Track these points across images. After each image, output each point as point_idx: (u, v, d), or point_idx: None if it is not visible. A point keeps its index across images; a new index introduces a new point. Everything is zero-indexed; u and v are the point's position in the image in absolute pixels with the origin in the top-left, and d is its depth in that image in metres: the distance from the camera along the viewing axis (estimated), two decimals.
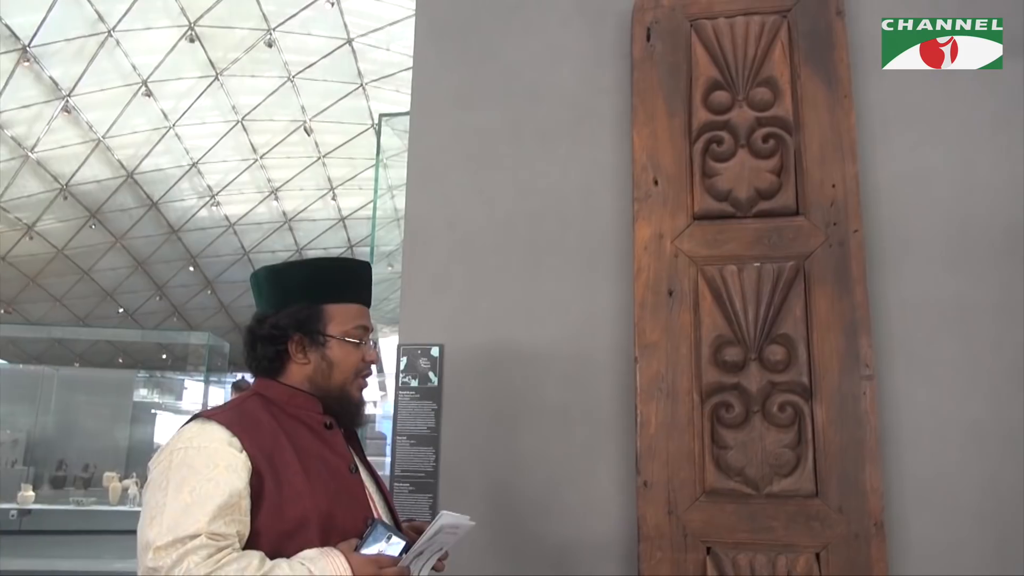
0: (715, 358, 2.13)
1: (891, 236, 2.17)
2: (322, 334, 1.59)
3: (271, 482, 1.42)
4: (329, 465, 1.55)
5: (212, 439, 1.43)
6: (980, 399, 2.06)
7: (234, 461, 1.41)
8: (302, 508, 1.43)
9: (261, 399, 1.57)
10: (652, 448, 2.12)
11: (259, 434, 1.46)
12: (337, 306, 1.61)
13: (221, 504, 1.34)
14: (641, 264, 2.23)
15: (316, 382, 1.59)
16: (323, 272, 1.66)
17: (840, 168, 2.17)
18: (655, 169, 2.27)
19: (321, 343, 1.59)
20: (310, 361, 1.59)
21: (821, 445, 2.03)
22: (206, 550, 1.29)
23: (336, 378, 1.60)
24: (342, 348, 1.60)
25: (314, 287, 1.62)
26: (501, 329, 2.38)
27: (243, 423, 1.47)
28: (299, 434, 1.53)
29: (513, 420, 2.32)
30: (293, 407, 1.57)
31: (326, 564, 1.36)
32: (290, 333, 1.58)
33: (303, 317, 1.59)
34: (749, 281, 2.14)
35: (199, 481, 1.36)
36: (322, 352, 1.59)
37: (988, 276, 2.11)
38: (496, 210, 2.46)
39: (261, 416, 1.51)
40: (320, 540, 1.43)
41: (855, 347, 2.06)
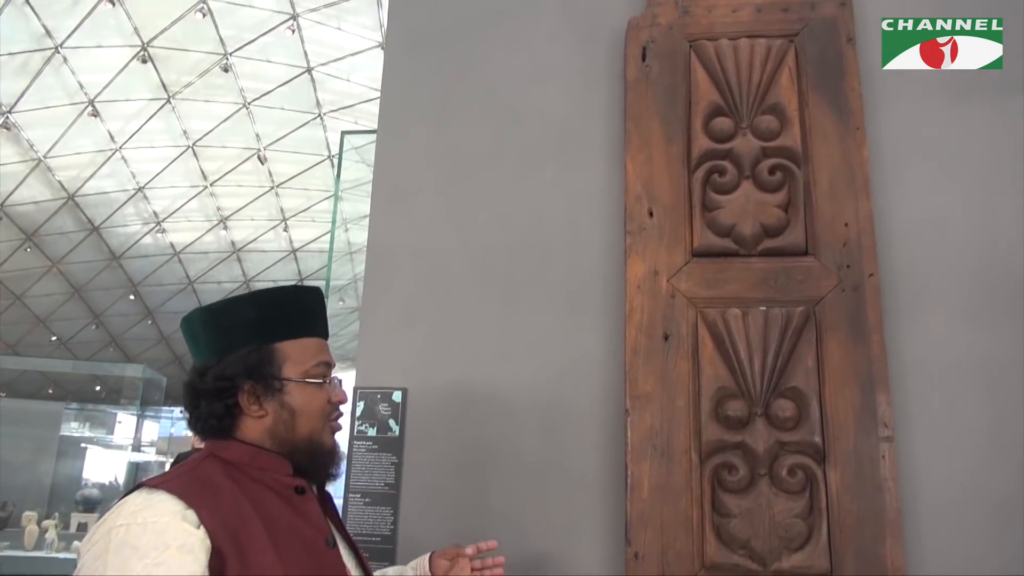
0: (716, 413, 1.89)
1: (907, 283, 1.98)
2: (278, 378, 1.32)
3: (235, 562, 1.14)
4: (303, 539, 1.27)
5: (161, 513, 1.14)
6: (1008, 471, 1.85)
7: (189, 540, 1.13)
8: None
9: (218, 461, 1.28)
10: (644, 514, 1.85)
11: (219, 504, 1.18)
12: (291, 343, 1.35)
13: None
14: (634, 304, 1.99)
15: (279, 435, 1.32)
16: (270, 305, 1.38)
17: (853, 205, 1.97)
18: (650, 200, 2.05)
19: (278, 389, 1.32)
20: (267, 412, 1.32)
21: (836, 515, 1.79)
22: None
23: (302, 427, 1.33)
24: (304, 391, 1.34)
25: (261, 324, 1.35)
26: (473, 373, 2.10)
27: (200, 491, 1.19)
28: (266, 502, 1.25)
29: (484, 478, 2.04)
30: (256, 469, 1.29)
31: None
32: (239, 383, 1.31)
33: (253, 361, 1.32)
34: (755, 327, 1.91)
35: (146, 567, 1.09)
36: (280, 399, 1.32)
37: (1013, 331, 1.92)
38: (471, 239, 2.21)
39: (221, 482, 1.23)
40: None
41: (872, 404, 1.84)
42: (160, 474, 1.28)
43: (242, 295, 1.41)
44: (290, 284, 1.45)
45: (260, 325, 1.34)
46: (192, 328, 1.37)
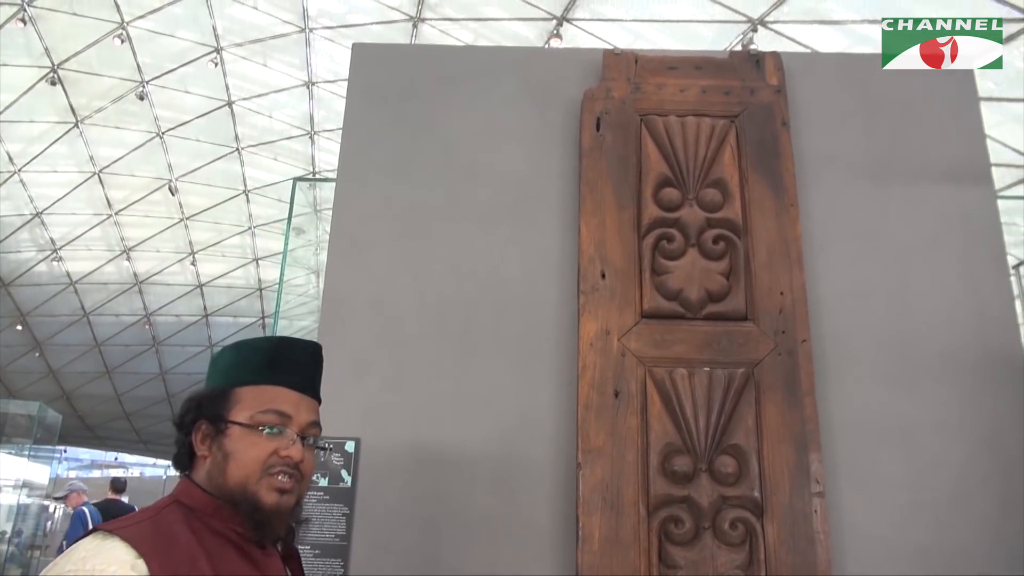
0: (664, 467, 1.99)
1: (835, 349, 2.15)
2: (224, 420, 1.30)
3: None
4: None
5: (110, 561, 1.12)
6: (924, 525, 2.02)
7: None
8: None
9: (181, 509, 1.26)
10: (595, 566, 1.91)
11: (172, 556, 1.16)
12: (250, 388, 1.33)
13: None
14: (586, 362, 2.08)
15: (214, 480, 1.28)
16: (249, 351, 1.38)
17: (788, 275, 2.14)
18: (603, 262, 2.16)
19: (221, 431, 1.29)
20: (208, 454, 1.30)
21: (773, 567, 1.90)
22: None
23: (233, 474, 1.27)
24: (245, 438, 1.29)
25: (234, 367, 1.36)
26: (427, 425, 2.14)
27: (155, 540, 1.16)
28: (225, 556, 1.23)
29: (437, 529, 2.06)
30: (218, 521, 1.26)
31: None
32: (193, 418, 1.31)
33: (206, 398, 1.32)
34: (700, 386, 2.03)
35: None
36: (220, 442, 1.29)
37: (926, 396, 2.12)
38: (427, 292, 2.26)
39: (179, 532, 1.20)
40: None
41: (805, 462, 1.98)
42: (119, 518, 1.24)
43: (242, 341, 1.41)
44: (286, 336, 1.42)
45: (231, 367, 1.36)
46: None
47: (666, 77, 2.35)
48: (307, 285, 13.27)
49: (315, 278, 13.14)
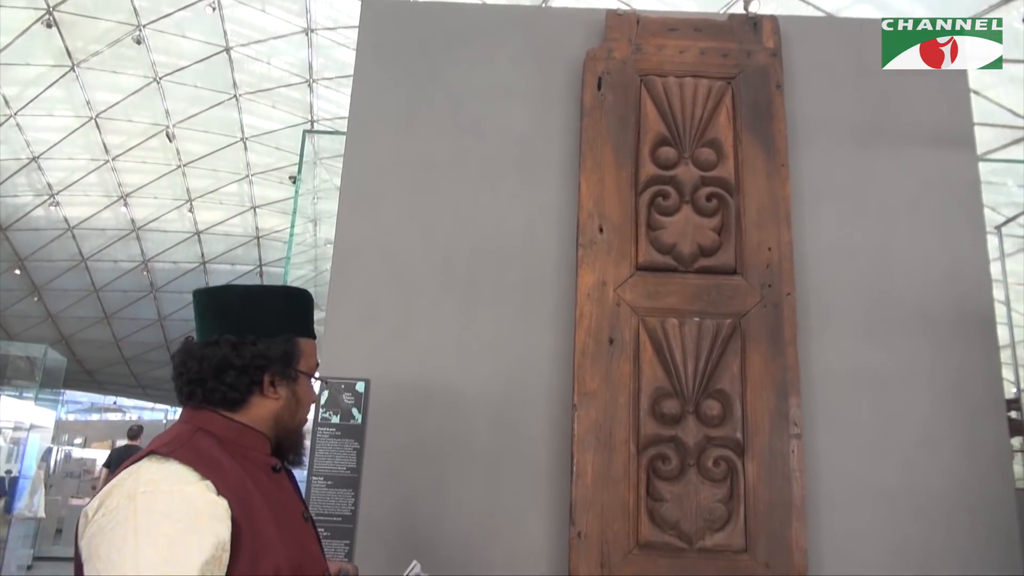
0: (653, 410, 2.14)
1: (818, 303, 2.28)
2: (296, 369, 1.47)
3: (247, 531, 1.26)
4: (289, 512, 1.41)
5: (183, 481, 1.25)
6: (892, 465, 2.18)
7: (216, 509, 1.24)
8: (275, 559, 1.28)
9: (210, 436, 1.37)
10: (587, 499, 2.08)
11: (227, 477, 1.29)
12: (305, 340, 1.52)
13: (208, 559, 1.18)
14: (583, 311, 2.21)
15: (282, 420, 1.46)
16: (293, 302, 1.53)
17: (776, 233, 2.26)
18: (601, 217, 2.28)
19: (293, 378, 1.47)
20: (281, 397, 1.45)
21: (751, 502, 2.07)
22: None
23: (301, 416, 1.51)
24: (307, 386, 1.52)
25: (290, 317, 1.50)
26: (433, 367, 2.28)
27: (208, 463, 1.29)
28: (260, 479, 1.37)
29: (441, 464, 2.21)
30: (242, 446, 1.40)
31: None
32: (272, 365, 1.44)
33: (288, 350, 1.46)
34: (689, 335, 2.17)
35: (179, 531, 1.18)
36: (292, 388, 1.48)
37: (901, 348, 2.26)
38: (434, 243, 2.38)
39: (220, 456, 1.33)
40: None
41: (785, 407, 2.13)
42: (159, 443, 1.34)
43: (271, 287, 1.56)
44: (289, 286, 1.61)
45: (289, 318, 1.49)
46: (223, 303, 1.46)
47: (666, 39, 2.43)
48: (304, 234, 13.33)
49: (312, 226, 13.22)
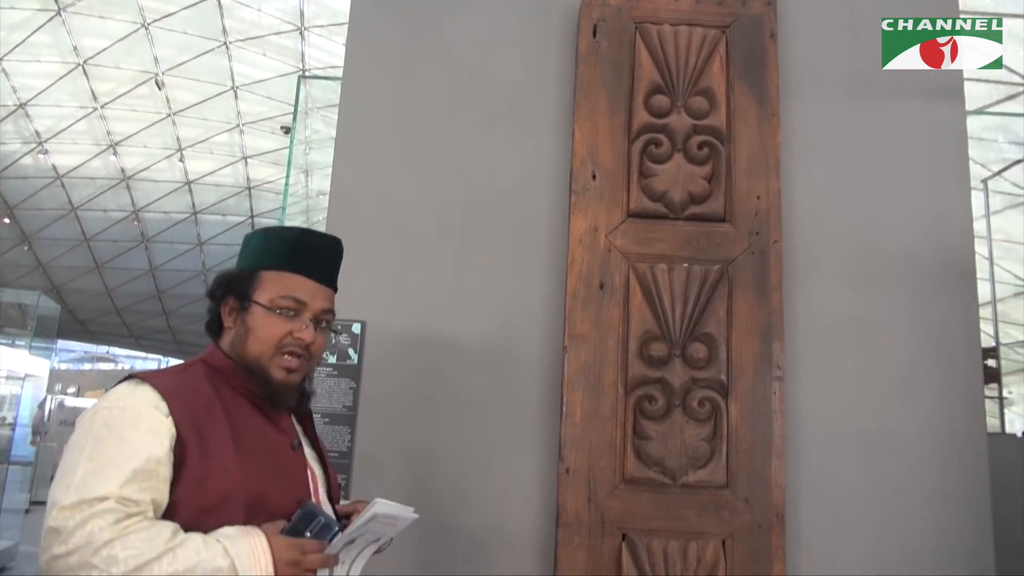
0: (641, 352, 2.20)
1: (804, 250, 2.34)
2: (248, 299, 1.48)
3: (195, 452, 1.33)
4: (268, 442, 1.47)
5: (138, 400, 1.34)
6: (869, 408, 2.27)
7: (157, 425, 1.32)
8: (227, 483, 1.34)
9: (205, 367, 1.48)
10: (576, 437, 2.15)
11: (191, 401, 1.38)
12: (273, 272, 1.50)
13: (136, 468, 1.26)
14: (575, 256, 2.26)
15: (235, 349, 1.48)
16: (276, 239, 1.57)
17: (765, 181, 2.30)
18: (594, 164, 2.31)
19: (245, 308, 1.48)
20: (232, 326, 1.50)
21: (734, 441, 2.15)
22: (113, 515, 1.21)
23: (252, 349, 1.46)
24: (264, 317, 1.47)
25: (261, 251, 1.54)
26: (428, 311, 2.33)
27: (177, 389, 1.38)
28: (239, 407, 1.45)
29: (435, 404, 2.28)
30: (236, 380, 1.47)
31: (244, 543, 1.28)
32: (221, 293, 1.50)
33: (235, 278, 1.51)
34: (678, 281, 2.23)
35: (117, 443, 1.28)
36: (243, 318, 1.48)
37: (883, 296, 2.33)
38: (428, 188, 2.41)
39: (200, 384, 1.42)
40: (245, 519, 1.34)
41: (768, 351, 2.20)
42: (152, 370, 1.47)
43: (274, 227, 1.60)
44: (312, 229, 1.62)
45: (260, 251, 1.53)
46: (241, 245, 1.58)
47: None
48: (297, 184, 13.25)
49: (304, 177, 13.14)
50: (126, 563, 1.19)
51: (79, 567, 1.18)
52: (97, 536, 1.19)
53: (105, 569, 1.18)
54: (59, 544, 1.19)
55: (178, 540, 1.24)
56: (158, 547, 1.21)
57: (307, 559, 1.34)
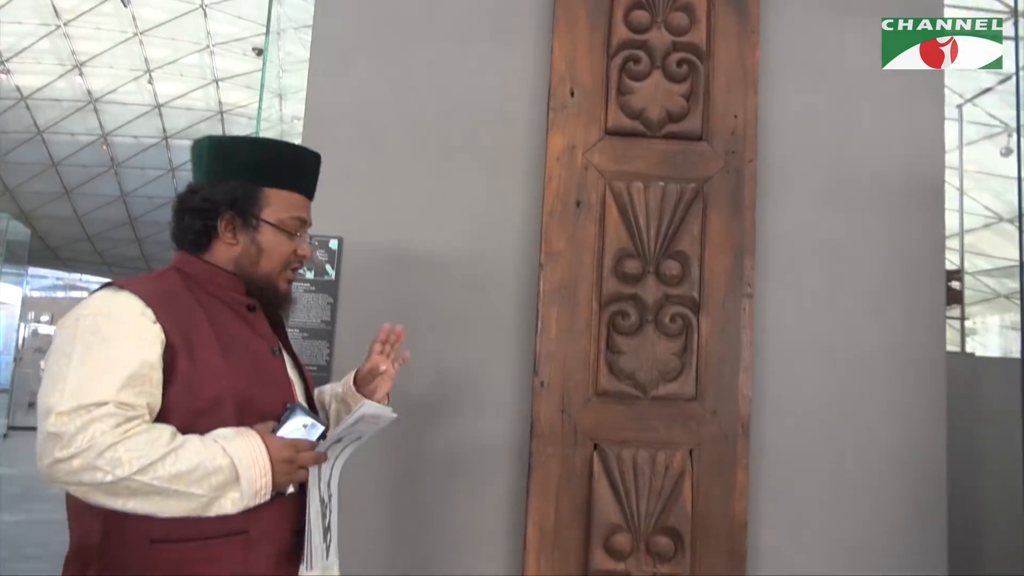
0: (616, 269, 2.24)
1: (779, 170, 2.36)
2: (256, 217, 1.51)
3: (185, 357, 1.35)
4: (250, 346, 1.50)
5: (124, 308, 1.35)
6: (835, 325, 2.34)
7: (146, 332, 1.34)
8: (217, 386, 1.38)
9: (180, 275, 1.49)
10: (551, 351, 2.20)
11: (175, 308, 1.39)
12: (277, 191, 1.53)
13: (131, 374, 1.28)
14: (552, 174, 2.26)
15: (242, 266, 1.51)
16: (268, 152, 1.57)
17: (743, 99, 2.30)
18: (573, 80, 2.29)
19: (253, 226, 1.51)
20: (238, 243, 1.51)
21: (703, 355, 2.22)
22: (113, 419, 1.23)
23: (263, 266, 1.52)
24: (275, 236, 1.53)
25: (257, 166, 1.53)
26: (405, 227, 2.34)
27: (159, 296, 1.39)
28: (219, 313, 1.47)
29: (412, 319, 2.28)
30: (214, 286, 1.49)
31: (241, 443, 1.33)
32: (222, 209, 1.49)
33: (239, 195, 1.50)
34: (653, 199, 2.25)
35: (108, 349, 1.30)
36: (252, 236, 1.51)
37: (854, 216, 2.37)
38: (406, 104, 2.38)
39: (179, 291, 1.44)
40: (236, 420, 1.39)
41: (740, 268, 2.24)
42: (126, 277, 1.47)
43: (249, 136, 1.58)
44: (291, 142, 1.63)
45: (255, 166, 1.52)
46: (200, 151, 1.54)
47: None
48: (270, 109, 12.98)
49: (278, 101, 12.86)
50: (130, 464, 1.21)
51: (82, 470, 1.20)
52: (100, 440, 1.21)
53: (110, 471, 1.21)
54: (60, 449, 1.20)
55: (178, 441, 1.28)
56: (160, 448, 1.24)
57: (300, 457, 1.40)
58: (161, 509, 1.25)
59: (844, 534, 2.28)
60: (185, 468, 1.25)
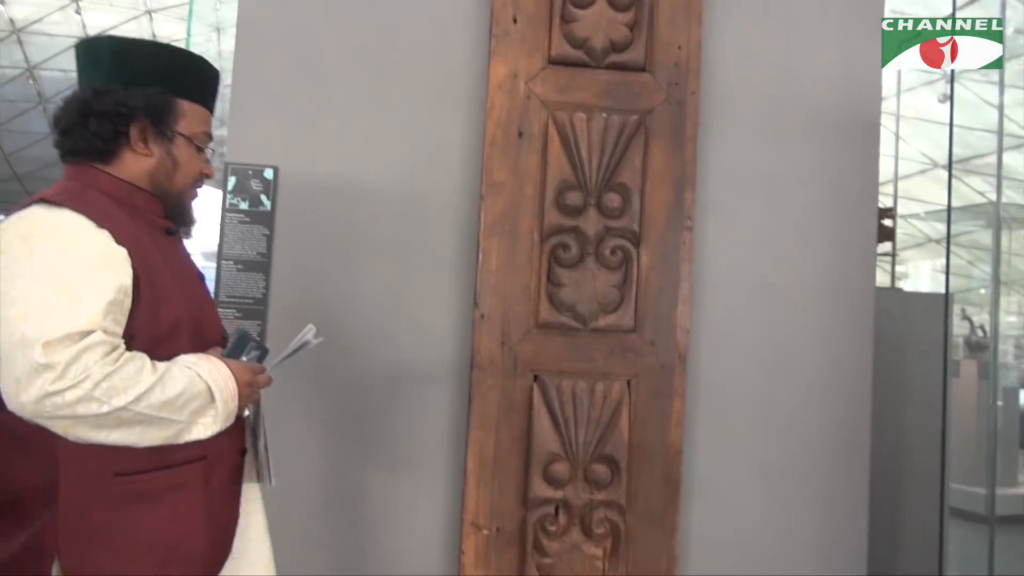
0: (558, 201, 2.22)
1: (720, 103, 2.36)
2: (171, 129, 1.42)
3: (146, 282, 1.29)
4: (186, 269, 1.47)
5: (80, 229, 1.25)
6: (770, 258, 2.38)
7: (115, 255, 1.26)
8: (175, 311, 1.34)
9: (99, 193, 1.36)
10: (491, 284, 2.19)
11: (122, 230, 1.30)
12: (190, 104, 1.45)
13: (111, 300, 1.22)
14: (494, 103, 2.22)
15: (157, 180, 1.42)
16: (181, 62, 1.48)
17: (686, 31, 2.28)
18: (515, 7, 2.23)
19: (168, 137, 1.42)
20: (152, 154, 1.41)
21: (643, 287, 2.24)
22: (104, 347, 1.17)
23: (178, 181, 1.45)
24: (188, 150, 1.45)
25: (170, 76, 1.43)
26: (343, 156, 2.28)
27: (103, 215, 1.29)
28: (153, 235, 1.39)
29: (351, 250, 2.28)
30: (134, 206, 1.39)
31: (211, 368, 1.31)
32: (137, 116, 1.38)
33: (157, 103, 1.40)
34: (596, 130, 2.23)
35: (83, 274, 1.21)
36: (168, 148, 1.43)
37: (791, 149, 2.39)
38: (343, 28, 2.30)
39: (114, 211, 1.33)
40: (191, 347, 1.36)
41: (681, 200, 2.25)
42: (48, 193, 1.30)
43: (155, 42, 1.49)
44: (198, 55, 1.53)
45: (170, 75, 1.43)
46: (95, 51, 1.42)
47: None
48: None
49: (216, 36, 12.35)
50: (126, 394, 1.17)
51: (77, 402, 1.14)
52: (95, 370, 1.14)
53: (107, 401, 1.16)
54: (53, 381, 1.12)
55: (162, 368, 1.24)
56: (149, 376, 1.21)
57: (258, 379, 1.41)
58: (141, 438, 1.22)
59: (773, 459, 2.36)
60: (172, 395, 1.23)
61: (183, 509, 1.32)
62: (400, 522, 2.27)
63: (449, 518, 2.27)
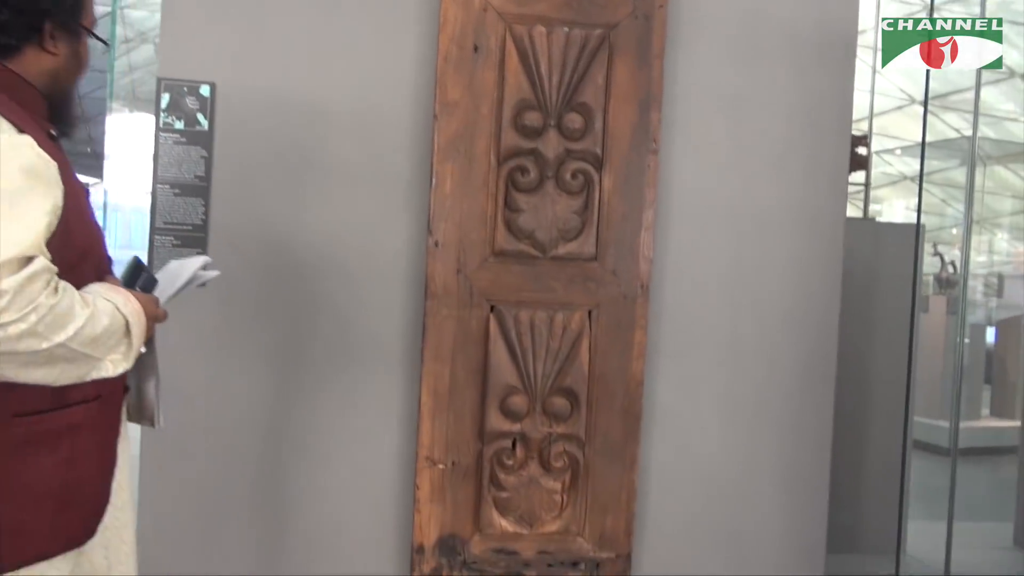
0: (515, 122, 2.10)
1: (689, 19, 2.23)
2: (80, 25, 1.29)
3: (68, 199, 1.15)
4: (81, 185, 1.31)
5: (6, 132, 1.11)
6: (738, 183, 2.28)
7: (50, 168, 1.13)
8: (87, 235, 1.22)
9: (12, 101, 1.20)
10: (446, 209, 2.08)
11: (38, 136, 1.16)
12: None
13: (48, 223, 1.09)
14: (448, 15, 2.06)
15: (59, 80, 1.29)
16: None
17: None
18: None
19: (76, 33, 1.29)
20: (60, 53, 1.26)
21: (605, 213, 2.13)
22: (46, 275, 1.05)
23: (76, 81, 1.33)
24: (87, 46, 1.34)
25: None
26: (286, 72, 2.12)
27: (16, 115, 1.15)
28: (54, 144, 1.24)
29: (296, 173, 2.14)
30: (19, 104, 1.21)
31: (124, 300, 1.20)
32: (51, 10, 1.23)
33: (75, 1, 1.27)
34: (556, 45, 2.09)
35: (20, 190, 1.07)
36: (75, 46, 1.29)
37: (763, 72, 2.28)
38: None
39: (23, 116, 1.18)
40: (95, 275, 1.24)
41: (646, 121, 2.13)
42: None
43: None
44: None
45: None
46: None
47: None
48: None
49: None
50: (65, 330, 1.06)
51: (19, 337, 1.01)
52: (41, 301, 1.02)
53: (48, 337, 1.05)
54: None
55: (90, 302, 1.13)
56: (82, 311, 1.10)
57: (158, 312, 1.31)
58: (59, 377, 1.12)
59: (737, 391, 2.31)
60: (100, 330, 1.13)
61: (79, 452, 1.21)
62: (353, 457, 2.19)
63: (403, 452, 2.19)
